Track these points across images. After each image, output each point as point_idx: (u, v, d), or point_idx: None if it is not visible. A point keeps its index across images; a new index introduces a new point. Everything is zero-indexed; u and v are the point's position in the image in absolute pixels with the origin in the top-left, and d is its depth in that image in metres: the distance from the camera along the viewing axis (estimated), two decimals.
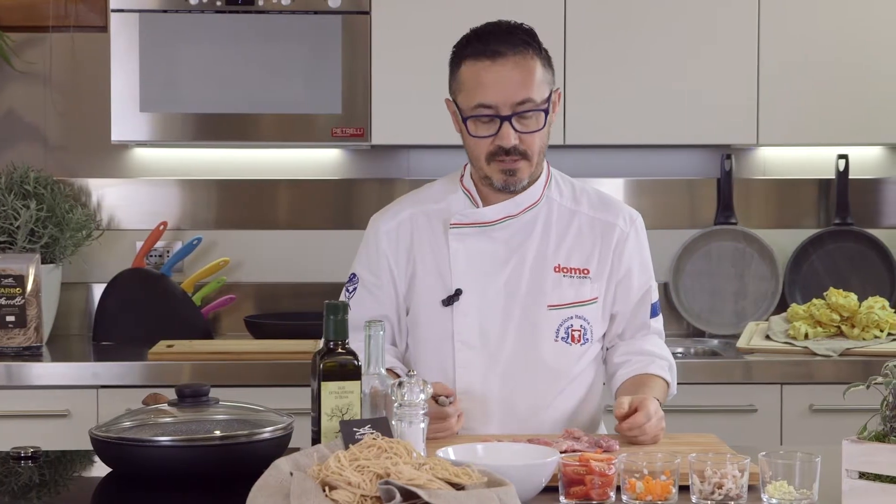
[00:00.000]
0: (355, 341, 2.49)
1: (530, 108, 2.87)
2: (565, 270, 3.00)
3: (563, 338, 2.99)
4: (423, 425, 2.42)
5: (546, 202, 3.04)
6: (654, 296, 3.11)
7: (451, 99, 2.98)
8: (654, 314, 3.10)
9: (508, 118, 2.86)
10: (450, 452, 2.39)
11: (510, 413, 2.98)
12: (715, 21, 4.40)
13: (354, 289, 3.08)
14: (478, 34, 2.92)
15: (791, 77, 4.40)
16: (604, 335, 3.08)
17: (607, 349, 3.10)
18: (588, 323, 3.01)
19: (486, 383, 2.97)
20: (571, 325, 2.99)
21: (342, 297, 3.06)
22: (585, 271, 3.01)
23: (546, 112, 2.90)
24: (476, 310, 2.98)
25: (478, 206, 3.01)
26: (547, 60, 2.94)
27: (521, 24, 2.94)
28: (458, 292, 2.98)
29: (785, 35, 4.40)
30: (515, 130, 2.87)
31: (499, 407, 2.98)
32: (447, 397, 2.78)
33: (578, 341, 3.00)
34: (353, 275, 3.09)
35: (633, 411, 2.75)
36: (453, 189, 3.07)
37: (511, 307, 2.98)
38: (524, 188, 2.98)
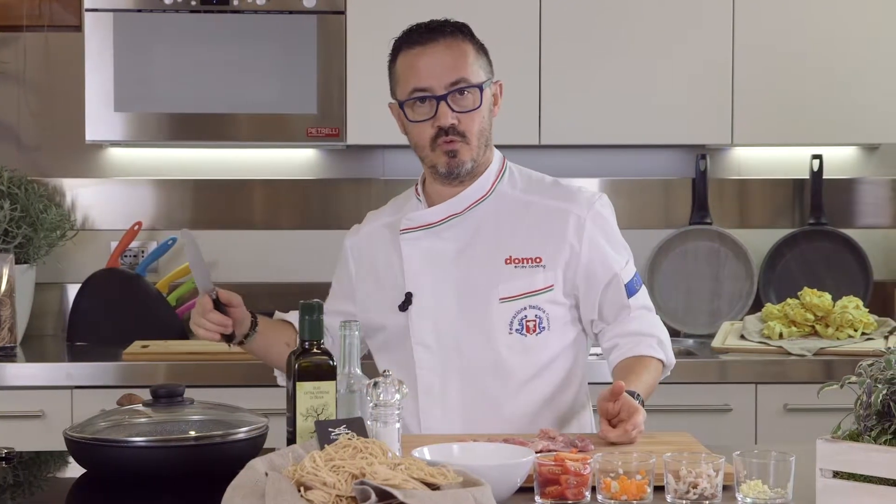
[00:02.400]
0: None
1: (464, 86, 2.93)
2: (517, 261, 3.00)
3: (517, 329, 2.98)
4: (398, 425, 2.41)
5: (495, 196, 3.04)
6: (627, 275, 3.05)
7: (393, 102, 3.03)
8: (632, 292, 3.06)
9: (444, 97, 2.92)
10: (425, 452, 2.39)
11: (472, 410, 2.98)
12: (689, 21, 4.40)
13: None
14: (410, 29, 3.03)
15: (765, 77, 4.42)
16: (580, 321, 3.07)
17: (595, 334, 3.09)
18: (543, 312, 3.00)
19: (445, 383, 2.99)
20: (525, 316, 2.99)
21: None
22: (538, 259, 3.00)
23: (481, 89, 2.95)
24: (430, 311, 3.00)
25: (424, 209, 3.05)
26: (482, 49, 3.02)
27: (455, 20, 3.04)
28: (409, 296, 3.01)
29: (759, 35, 4.41)
30: (452, 110, 2.92)
31: (460, 404, 2.99)
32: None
33: (534, 331, 2.99)
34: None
35: (618, 410, 2.75)
36: (410, 197, 3.13)
37: (464, 305, 2.99)
38: (469, 174, 2.99)
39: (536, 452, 2.41)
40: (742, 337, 4.33)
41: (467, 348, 2.99)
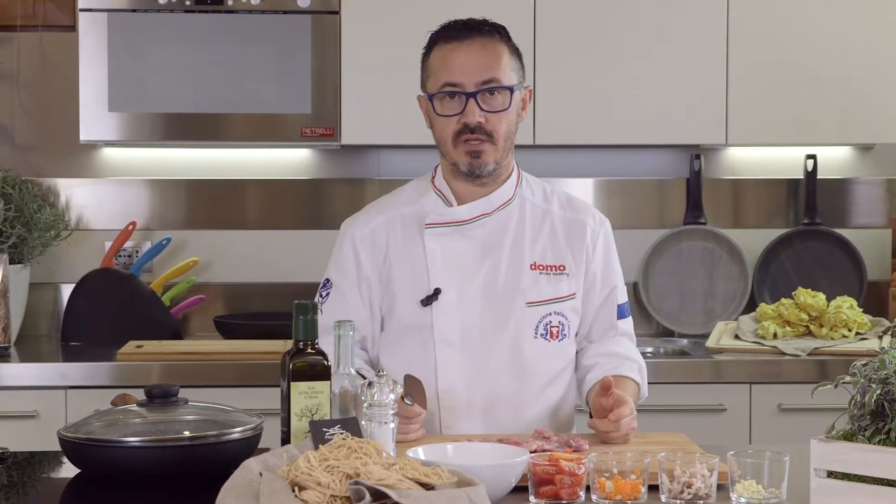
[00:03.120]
0: (326, 346, 2.49)
1: (495, 87, 2.93)
2: (541, 267, 3.02)
3: (542, 334, 3.00)
4: (392, 425, 2.41)
5: (519, 200, 3.06)
6: (622, 297, 3.11)
7: (422, 94, 3.02)
8: (622, 316, 3.10)
9: (474, 95, 2.92)
10: (420, 452, 2.39)
11: (493, 410, 2.98)
12: (684, 22, 4.41)
13: (328, 293, 3.08)
14: (447, 24, 3.00)
15: (759, 77, 4.42)
16: (576, 334, 3.08)
17: (577, 352, 3.11)
18: (566, 319, 3.02)
19: (468, 381, 2.98)
20: (550, 322, 3.01)
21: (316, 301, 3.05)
22: (562, 267, 3.03)
23: (512, 91, 2.95)
24: (455, 308, 2.99)
25: (451, 206, 3.03)
26: (516, 52, 3.02)
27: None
28: (437, 291, 2.99)
29: (753, 36, 4.42)
30: (481, 109, 2.91)
31: (481, 405, 2.98)
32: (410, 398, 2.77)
33: (557, 337, 3.01)
34: (327, 280, 3.10)
35: (612, 404, 2.75)
36: (425, 191, 3.08)
37: (490, 305, 2.99)
38: (491, 175, 2.99)
39: (531, 452, 2.42)
40: (736, 337, 4.33)
41: (492, 348, 2.98)
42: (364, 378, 2.58)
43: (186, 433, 2.45)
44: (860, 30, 4.44)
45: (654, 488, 2.31)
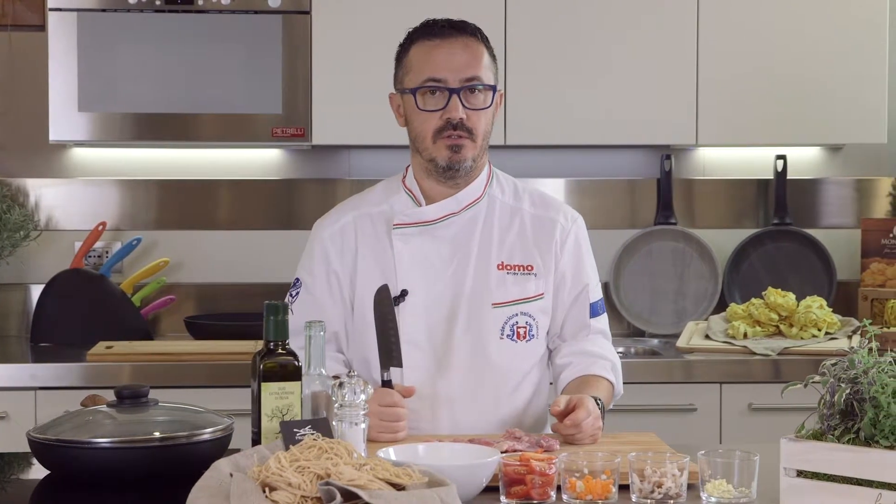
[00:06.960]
0: (297, 346, 2.49)
1: (478, 84, 2.95)
2: (508, 268, 3.02)
3: (508, 335, 3.00)
4: (363, 426, 2.41)
5: (488, 200, 3.06)
6: (594, 295, 3.10)
7: (395, 92, 3.03)
8: (594, 314, 3.10)
9: (458, 91, 2.93)
10: (391, 453, 2.39)
11: (458, 412, 2.98)
12: (654, 23, 4.42)
13: (297, 293, 3.08)
14: (427, 22, 3.02)
15: (730, 78, 4.43)
16: (548, 333, 3.08)
17: (550, 351, 3.11)
18: (533, 319, 3.02)
19: (434, 383, 2.97)
20: (516, 322, 3.00)
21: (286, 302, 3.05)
22: (529, 267, 3.02)
23: (493, 90, 2.97)
24: (422, 309, 2.98)
25: (420, 205, 3.03)
26: (493, 56, 3.04)
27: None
28: (404, 293, 2.99)
29: (723, 37, 4.43)
30: (463, 105, 2.93)
31: (447, 406, 2.97)
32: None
33: (524, 338, 3.01)
34: (297, 279, 3.09)
35: (570, 409, 2.76)
36: (395, 190, 3.08)
37: (456, 306, 2.99)
38: (466, 173, 2.99)
39: (502, 452, 2.42)
40: (707, 337, 4.34)
41: (458, 350, 2.98)
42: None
43: (157, 434, 2.45)
44: (829, 32, 4.46)
45: (624, 488, 2.32)
